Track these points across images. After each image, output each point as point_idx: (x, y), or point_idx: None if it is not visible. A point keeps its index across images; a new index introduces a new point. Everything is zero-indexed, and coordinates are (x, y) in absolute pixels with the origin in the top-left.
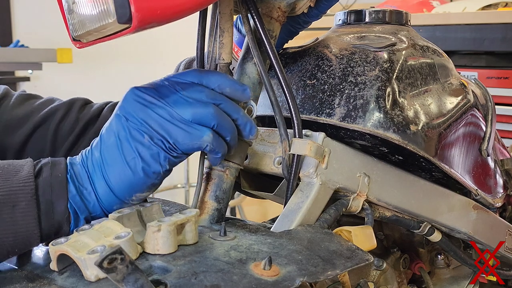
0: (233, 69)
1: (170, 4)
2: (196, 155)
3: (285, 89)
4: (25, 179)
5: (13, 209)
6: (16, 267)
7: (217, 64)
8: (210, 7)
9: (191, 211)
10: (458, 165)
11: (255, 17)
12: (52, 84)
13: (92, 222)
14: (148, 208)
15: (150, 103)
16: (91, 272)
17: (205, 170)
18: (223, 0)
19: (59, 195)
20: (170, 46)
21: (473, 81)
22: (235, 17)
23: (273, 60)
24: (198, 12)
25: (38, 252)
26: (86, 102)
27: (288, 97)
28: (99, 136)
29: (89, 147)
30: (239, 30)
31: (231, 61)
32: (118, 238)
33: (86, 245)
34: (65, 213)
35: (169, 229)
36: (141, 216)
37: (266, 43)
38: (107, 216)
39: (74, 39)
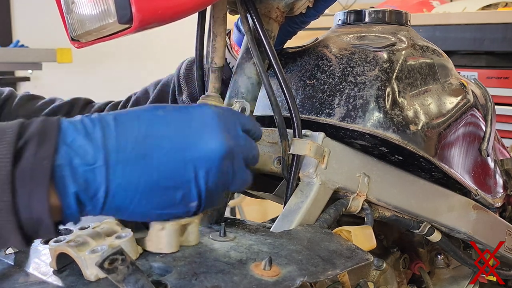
0: (232, 68)
1: (171, 4)
2: None
3: (284, 89)
4: (2, 157)
5: None
6: (14, 265)
7: (209, 68)
8: (208, 8)
9: None
10: (458, 165)
11: (254, 17)
12: (52, 84)
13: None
14: None
15: (229, 173)
16: (91, 272)
17: None
18: (216, 5)
19: (39, 185)
20: (169, 46)
21: (473, 81)
22: (235, 17)
23: (273, 60)
24: (198, 13)
25: (37, 250)
26: (88, 102)
27: (288, 97)
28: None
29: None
30: (239, 30)
31: (223, 65)
32: (119, 238)
33: (87, 245)
34: (45, 206)
35: (173, 228)
36: None
37: (265, 43)
38: None
39: (72, 39)
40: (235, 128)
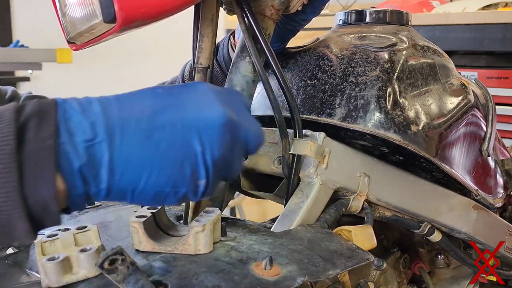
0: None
1: (154, 2)
2: None
3: (283, 87)
4: (3, 135)
5: None
6: (14, 265)
7: (195, 68)
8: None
9: (213, 210)
10: (459, 165)
11: (248, 15)
12: (52, 84)
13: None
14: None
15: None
16: (43, 279)
17: None
18: (205, 5)
19: (45, 166)
20: (169, 46)
21: (474, 81)
22: (231, 17)
23: (269, 57)
24: (193, 13)
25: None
26: None
27: (287, 96)
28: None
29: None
30: None
31: (209, 65)
32: (84, 251)
33: (54, 250)
34: (51, 188)
35: (211, 228)
36: (155, 220)
37: (261, 40)
38: None
39: (69, 42)
40: (235, 103)
